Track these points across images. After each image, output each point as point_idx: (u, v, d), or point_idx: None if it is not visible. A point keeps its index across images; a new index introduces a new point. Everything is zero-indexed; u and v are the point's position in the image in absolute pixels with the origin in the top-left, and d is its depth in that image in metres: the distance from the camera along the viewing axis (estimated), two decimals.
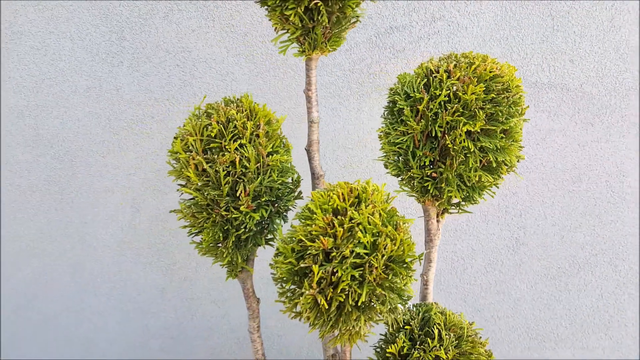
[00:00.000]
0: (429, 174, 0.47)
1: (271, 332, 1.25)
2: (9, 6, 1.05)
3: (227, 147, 0.46)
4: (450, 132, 0.44)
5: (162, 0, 1.01)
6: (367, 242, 0.39)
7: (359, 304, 0.40)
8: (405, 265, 0.42)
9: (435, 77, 0.46)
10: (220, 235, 0.48)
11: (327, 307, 0.40)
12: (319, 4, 0.43)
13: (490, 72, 0.45)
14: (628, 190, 1.08)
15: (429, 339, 0.47)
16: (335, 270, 0.39)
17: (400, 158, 0.49)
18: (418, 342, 0.48)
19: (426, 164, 0.47)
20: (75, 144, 1.13)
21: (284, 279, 0.43)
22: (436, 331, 0.47)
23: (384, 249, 0.39)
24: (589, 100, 1.02)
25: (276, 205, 0.50)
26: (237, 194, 0.46)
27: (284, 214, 0.52)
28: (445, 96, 0.44)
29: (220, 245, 0.51)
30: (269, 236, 0.53)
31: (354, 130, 1.06)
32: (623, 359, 1.20)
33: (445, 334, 0.47)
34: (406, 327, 0.50)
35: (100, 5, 1.03)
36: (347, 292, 0.40)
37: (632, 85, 1.00)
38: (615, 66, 0.99)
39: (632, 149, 1.04)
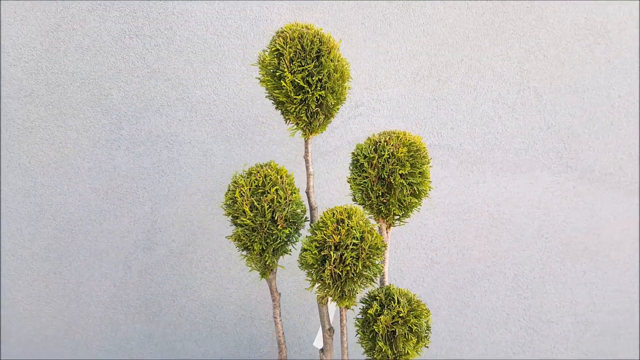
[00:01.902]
0: (381, 201, 0.78)
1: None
2: (23, 105, 1.25)
3: (268, 191, 0.73)
4: (392, 175, 0.76)
5: (154, 98, 1.27)
6: (358, 236, 0.68)
7: (357, 272, 0.68)
8: (378, 250, 0.70)
9: (380, 144, 0.77)
10: (264, 246, 0.74)
11: (340, 274, 0.67)
12: (318, 110, 0.74)
13: (408, 140, 0.78)
14: (503, 216, 1.42)
15: (392, 302, 0.75)
16: (342, 254, 0.68)
17: (363, 193, 0.79)
18: (385, 306, 0.76)
19: (379, 195, 0.77)
20: (76, 215, 1.32)
21: (311, 264, 0.70)
22: (396, 297, 0.76)
23: (368, 240, 0.68)
24: (467, 155, 1.37)
25: (295, 225, 0.77)
26: (275, 219, 0.74)
27: (299, 231, 0.79)
28: (387, 155, 0.76)
29: (260, 255, 0.76)
30: (289, 247, 0.80)
31: (304, 187, 1.34)
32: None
33: (401, 299, 0.76)
34: (377, 297, 0.78)
35: (103, 103, 1.26)
36: (350, 266, 0.68)
37: (495, 143, 1.37)
38: (481, 130, 1.36)
39: (501, 186, 1.39)
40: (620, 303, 1.48)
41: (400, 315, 0.74)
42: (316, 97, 0.72)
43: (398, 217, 0.82)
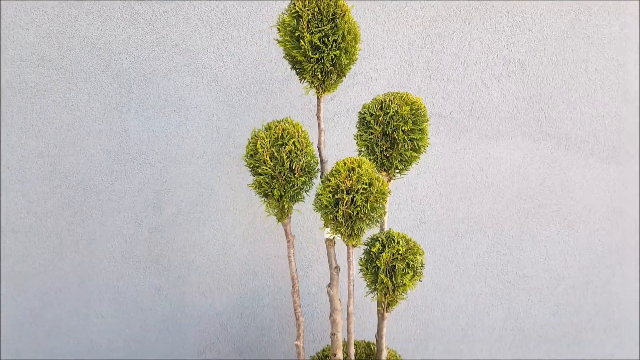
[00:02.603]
0: (385, 155, 0.83)
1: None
2: (36, 69, 1.27)
3: (286, 142, 0.78)
4: (395, 131, 0.81)
5: (162, 63, 1.29)
6: (367, 182, 0.74)
7: (365, 213, 0.74)
8: (384, 195, 0.76)
9: (385, 103, 0.83)
10: (283, 192, 0.80)
11: (351, 214, 0.73)
12: (332, 69, 0.79)
13: (411, 100, 0.83)
14: (486, 180, 1.48)
15: (392, 242, 0.82)
16: (353, 197, 0.73)
17: (368, 149, 0.85)
18: (386, 245, 0.83)
19: (383, 149, 0.83)
20: (88, 175, 1.35)
21: (325, 205, 0.76)
22: (396, 238, 0.82)
23: (376, 185, 0.74)
24: (456, 123, 1.42)
25: (309, 174, 0.83)
26: (293, 168, 0.79)
27: (312, 180, 0.85)
28: (392, 112, 0.81)
29: (278, 201, 0.82)
30: (303, 194, 0.85)
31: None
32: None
33: (400, 240, 0.82)
34: (379, 239, 0.84)
35: (113, 68, 1.28)
36: (360, 207, 0.74)
37: (482, 112, 1.43)
38: (470, 99, 1.41)
39: (485, 152, 1.46)
40: (589, 260, 1.57)
41: (399, 252, 0.82)
42: (331, 57, 0.77)
43: (399, 170, 0.88)
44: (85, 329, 1.45)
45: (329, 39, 0.76)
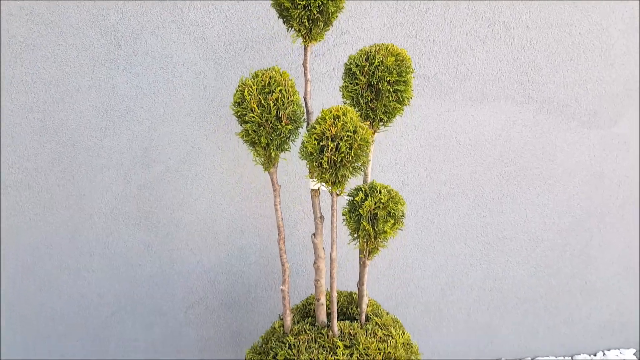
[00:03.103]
0: (369, 106, 0.86)
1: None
2: (24, 23, 1.26)
3: (273, 90, 0.80)
4: (380, 82, 0.84)
5: (150, 19, 1.29)
6: (352, 129, 0.76)
7: (349, 160, 0.77)
8: (367, 142, 0.79)
9: (370, 54, 0.85)
10: (270, 140, 0.82)
11: (335, 161, 0.76)
12: (319, 17, 0.80)
13: (396, 51, 0.85)
14: (469, 142, 1.51)
15: (374, 192, 0.86)
16: (338, 144, 0.76)
17: (353, 100, 0.87)
18: (369, 195, 0.86)
19: (368, 100, 0.85)
20: (77, 132, 1.35)
21: (310, 152, 0.79)
22: (378, 188, 0.86)
23: (360, 133, 0.77)
24: (441, 84, 1.44)
25: (296, 123, 0.85)
26: (280, 116, 0.81)
27: (298, 129, 0.87)
28: (377, 63, 0.83)
29: (265, 149, 0.84)
30: (289, 144, 0.88)
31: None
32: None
33: (382, 190, 0.86)
34: (362, 189, 0.88)
35: (101, 23, 1.28)
36: (344, 154, 0.77)
37: (466, 74, 1.45)
38: (455, 61, 1.42)
39: (469, 115, 1.49)
40: (567, 223, 1.62)
41: (382, 201, 0.85)
42: (318, 4, 0.79)
43: (383, 122, 0.91)
44: (75, 284, 1.48)
45: None
